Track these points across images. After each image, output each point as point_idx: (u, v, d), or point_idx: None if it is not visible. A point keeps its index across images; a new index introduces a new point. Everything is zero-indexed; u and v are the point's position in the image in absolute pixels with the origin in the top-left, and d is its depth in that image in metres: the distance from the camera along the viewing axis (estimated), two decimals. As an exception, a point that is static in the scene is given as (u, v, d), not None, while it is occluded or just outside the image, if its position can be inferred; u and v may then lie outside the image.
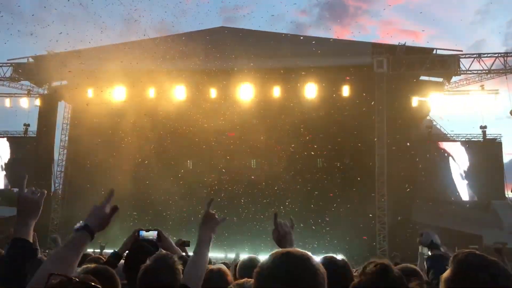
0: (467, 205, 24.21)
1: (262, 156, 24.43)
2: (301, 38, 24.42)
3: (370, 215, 22.42)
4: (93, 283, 1.41)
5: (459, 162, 24.41)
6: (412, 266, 4.02)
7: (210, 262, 6.04)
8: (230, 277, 3.25)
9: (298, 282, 1.52)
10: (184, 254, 3.99)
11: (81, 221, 2.06)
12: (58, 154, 26.44)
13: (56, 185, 26.47)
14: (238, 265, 3.85)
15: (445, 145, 25.00)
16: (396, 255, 7.72)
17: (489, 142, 24.65)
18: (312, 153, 23.40)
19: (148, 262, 2.78)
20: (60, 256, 1.96)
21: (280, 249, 1.66)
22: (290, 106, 22.99)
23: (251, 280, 2.38)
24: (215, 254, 17.20)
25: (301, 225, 22.30)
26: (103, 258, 5.06)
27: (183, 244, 4.76)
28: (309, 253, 1.63)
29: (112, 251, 3.94)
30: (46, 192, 2.40)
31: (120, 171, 23.01)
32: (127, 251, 3.70)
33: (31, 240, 2.23)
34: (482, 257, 1.88)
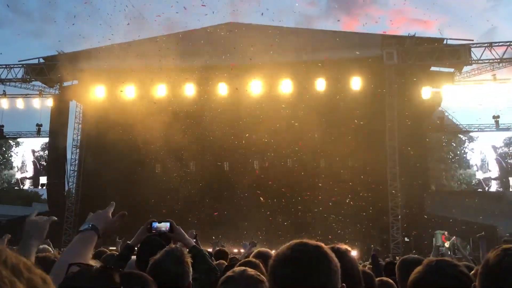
0: (481, 196, 24.04)
1: (272, 150, 24.39)
2: (310, 31, 24.34)
3: (368, 209, 22.29)
4: (112, 270, 1.45)
5: (472, 152, 24.23)
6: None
7: (223, 256, 6.08)
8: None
9: (313, 269, 1.59)
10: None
11: (87, 222, 2.14)
12: (71, 153, 26.70)
13: (70, 184, 26.74)
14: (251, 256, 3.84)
15: (458, 135, 24.81)
16: (376, 249, 7.68)
17: (502, 132, 24.36)
18: (324, 145, 23.33)
19: (157, 255, 2.81)
20: (74, 250, 2.02)
21: (297, 239, 1.72)
22: (301, 99, 22.95)
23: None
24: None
25: (313, 219, 22.44)
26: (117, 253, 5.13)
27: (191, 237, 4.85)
28: (323, 244, 1.70)
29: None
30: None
31: (134, 167, 23.23)
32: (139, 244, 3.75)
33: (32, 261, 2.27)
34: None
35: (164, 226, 3.60)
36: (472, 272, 2.35)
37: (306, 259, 1.60)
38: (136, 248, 3.88)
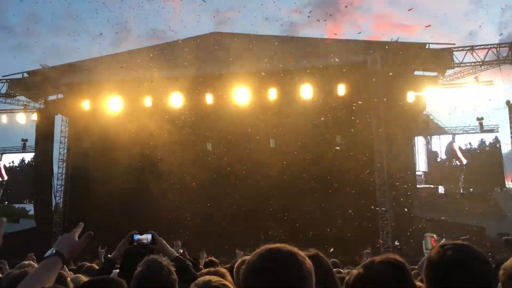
0: (468, 197, 24.21)
1: (263, 160, 24.39)
2: (294, 39, 24.43)
3: (369, 214, 22.32)
4: None
5: (458, 154, 24.45)
6: None
7: (215, 265, 6.03)
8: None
9: (283, 276, 1.55)
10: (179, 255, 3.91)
11: (52, 249, 2.13)
12: (57, 167, 26.45)
13: (57, 198, 26.47)
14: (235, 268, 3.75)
15: (443, 138, 25.02)
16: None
17: (486, 133, 24.62)
18: (310, 153, 23.37)
19: (139, 268, 2.73)
20: (34, 278, 1.98)
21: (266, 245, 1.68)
22: (287, 108, 23.04)
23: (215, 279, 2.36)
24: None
25: (304, 226, 22.44)
26: (96, 266, 5.07)
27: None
28: (295, 248, 1.66)
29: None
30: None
31: (121, 181, 23.03)
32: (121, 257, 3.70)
33: None
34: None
35: (146, 237, 3.55)
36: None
37: (278, 268, 1.56)
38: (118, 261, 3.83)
